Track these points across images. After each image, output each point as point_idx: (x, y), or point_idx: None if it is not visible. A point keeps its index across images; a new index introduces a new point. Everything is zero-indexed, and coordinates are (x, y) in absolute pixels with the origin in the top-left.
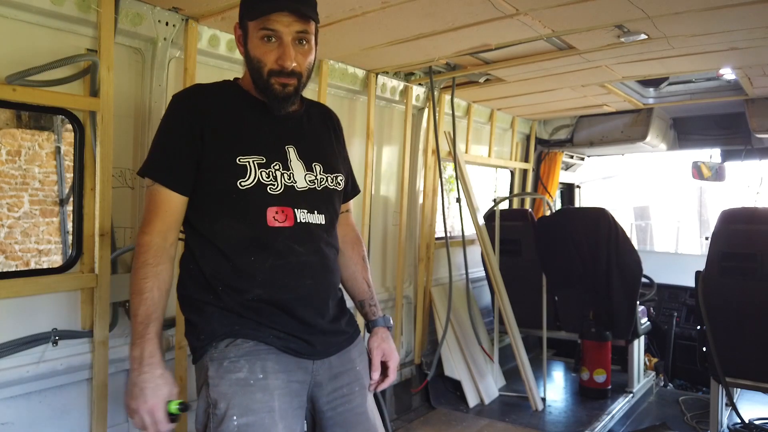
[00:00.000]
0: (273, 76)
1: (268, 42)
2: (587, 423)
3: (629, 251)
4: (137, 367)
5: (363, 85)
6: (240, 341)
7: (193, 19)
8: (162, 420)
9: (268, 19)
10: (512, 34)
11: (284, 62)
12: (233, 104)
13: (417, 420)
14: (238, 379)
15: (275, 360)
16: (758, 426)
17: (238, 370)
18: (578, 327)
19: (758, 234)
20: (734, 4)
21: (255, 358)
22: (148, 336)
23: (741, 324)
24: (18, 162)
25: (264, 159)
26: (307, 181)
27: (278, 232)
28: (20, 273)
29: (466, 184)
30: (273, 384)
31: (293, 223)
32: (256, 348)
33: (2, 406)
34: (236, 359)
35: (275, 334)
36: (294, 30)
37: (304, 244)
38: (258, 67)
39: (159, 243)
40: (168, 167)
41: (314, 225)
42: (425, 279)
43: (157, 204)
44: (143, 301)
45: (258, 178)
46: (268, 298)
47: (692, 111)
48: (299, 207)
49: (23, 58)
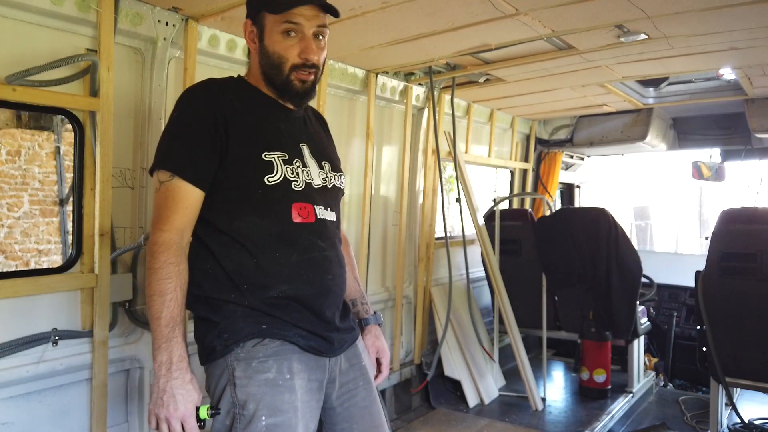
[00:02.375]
0: (294, 71)
1: (289, 36)
2: (587, 423)
3: (629, 251)
4: (166, 373)
5: (363, 85)
6: (267, 341)
7: (193, 19)
8: (194, 428)
9: (291, 13)
10: (512, 34)
11: (308, 55)
12: (248, 100)
13: (417, 420)
14: (267, 380)
15: (299, 359)
16: (758, 426)
17: (267, 370)
18: (578, 327)
19: (758, 234)
20: (734, 4)
21: (282, 358)
22: (175, 339)
23: (741, 324)
24: (18, 162)
25: (287, 156)
26: (321, 178)
27: (302, 227)
28: (20, 273)
29: (466, 184)
30: (297, 384)
31: (315, 219)
32: (282, 348)
33: (2, 406)
34: (265, 359)
35: (299, 332)
36: (315, 24)
37: (325, 240)
38: (279, 62)
39: (177, 241)
40: (190, 161)
41: (329, 222)
42: (425, 279)
43: (177, 200)
44: (167, 303)
45: (285, 174)
46: (293, 294)
47: (692, 111)
48: (317, 204)
49: (23, 58)
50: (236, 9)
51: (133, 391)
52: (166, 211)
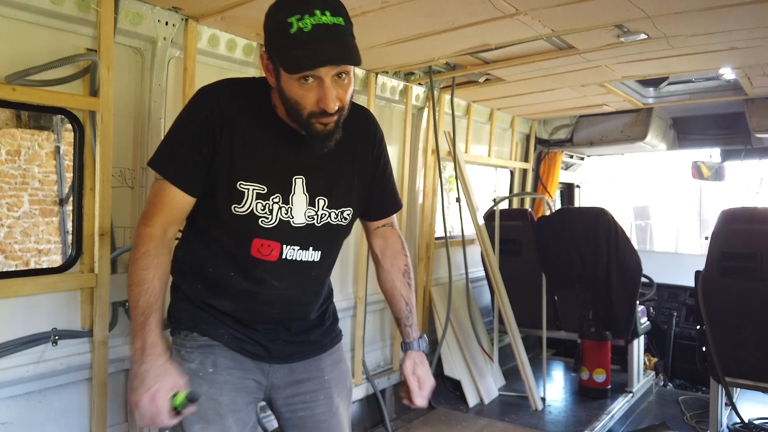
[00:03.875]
0: (313, 117)
1: (306, 83)
2: (587, 423)
3: (629, 251)
4: (138, 359)
5: (363, 85)
6: (196, 335)
7: (193, 18)
8: (164, 407)
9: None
10: (512, 33)
11: (326, 105)
12: (257, 118)
13: (417, 420)
14: (189, 369)
15: (228, 357)
16: (758, 426)
17: (191, 360)
18: (578, 327)
19: (758, 234)
20: (734, 4)
21: (208, 352)
22: (149, 327)
23: (741, 324)
24: (18, 162)
25: (265, 189)
26: (306, 216)
27: (258, 263)
28: (20, 273)
29: (465, 184)
30: (222, 379)
31: (277, 258)
32: (209, 343)
33: (2, 406)
34: (191, 350)
35: (232, 333)
36: (333, 72)
37: (283, 279)
38: (295, 108)
39: (159, 235)
40: (178, 168)
41: (303, 262)
42: (425, 279)
43: (163, 200)
44: (144, 292)
45: (252, 208)
46: (231, 312)
47: (692, 111)
48: (290, 243)
49: (23, 57)
50: (236, 9)
51: None
52: (152, 208)
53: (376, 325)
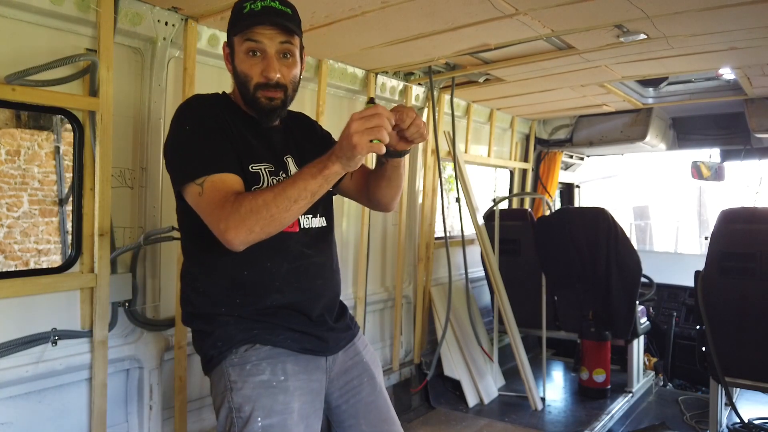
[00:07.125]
0: (259, 90)
1: (253, 56)
2: (587, 423)
3: (629, 251)
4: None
5: (362, 85)
6: (259, 345)
7: (193, 18)
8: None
9: (252, 32)
10: (512, 34)
11: (269, 73)
12: (231, 115)
13: (416, 420)
14: (261, 382)
15: (294, 362)
16: (757, 426)
17: (261, 372)
18: (578, 327)
19: (758, 234)
20: (734, 4)
21: (276, 360)
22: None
23: (740, 324)
24: (17, 162)
25: (273, 167)
26: None
27: (288, 237)
28: (19, 273)
29: (465, 184)
30: (293, 385)
31: (298, 228)
32: (274, 351)
33: (2, 406)
34: (258, 362)
35: (291, 336)
36: (277, 42)
37: (311, 247)
38: (245, 81)
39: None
40: (215, 159)
41: (317, 228)
42: (425, 279)
43: (219, 188)
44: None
45: (270, 185)
46: (285, 302)
47: (691, 111)
48: (303, 213)
49: (23, 57)
50: None
51: (132, 391)
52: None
53: (375, 325)
